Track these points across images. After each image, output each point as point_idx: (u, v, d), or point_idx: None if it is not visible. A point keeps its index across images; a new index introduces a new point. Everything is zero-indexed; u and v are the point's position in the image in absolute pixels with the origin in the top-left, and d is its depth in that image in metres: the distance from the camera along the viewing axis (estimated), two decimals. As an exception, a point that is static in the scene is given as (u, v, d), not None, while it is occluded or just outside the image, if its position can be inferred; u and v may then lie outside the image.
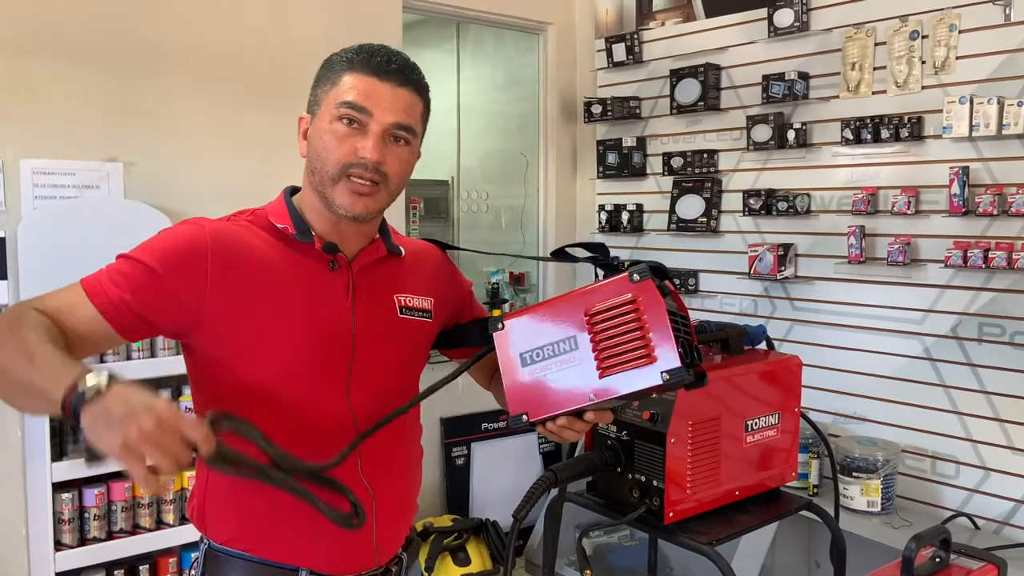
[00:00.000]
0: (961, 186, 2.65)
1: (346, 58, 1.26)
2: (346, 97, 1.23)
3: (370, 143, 1.23)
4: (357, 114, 1.23)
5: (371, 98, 1.23)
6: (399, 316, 1.35)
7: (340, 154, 1.23)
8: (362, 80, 1.24)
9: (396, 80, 1.25)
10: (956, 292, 2.74)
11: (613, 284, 1.14)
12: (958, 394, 2.75)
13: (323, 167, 1.24)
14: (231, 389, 1.23)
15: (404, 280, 1.38)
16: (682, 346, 1.09)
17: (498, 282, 4.17)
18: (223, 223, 1.28)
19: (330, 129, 1.24)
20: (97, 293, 1.17)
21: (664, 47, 3.65)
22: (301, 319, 1.25)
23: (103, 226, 2.61)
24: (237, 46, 2.91)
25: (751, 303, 3.37)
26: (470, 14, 3.77)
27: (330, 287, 1.28)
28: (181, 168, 2.82)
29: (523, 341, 1.17)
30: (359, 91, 1.23)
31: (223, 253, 1.22)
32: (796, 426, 1.66)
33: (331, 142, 1.23)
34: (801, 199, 3.12)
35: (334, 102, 1.24)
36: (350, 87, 1.24)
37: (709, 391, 1.50)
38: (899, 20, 2.84)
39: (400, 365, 1.36)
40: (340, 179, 1.24)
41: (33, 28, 2.56)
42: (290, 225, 1.28)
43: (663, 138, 3.69)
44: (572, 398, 1.13)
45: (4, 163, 2.54)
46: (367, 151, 1.22)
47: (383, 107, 1.23)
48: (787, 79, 3.12)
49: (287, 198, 1.33)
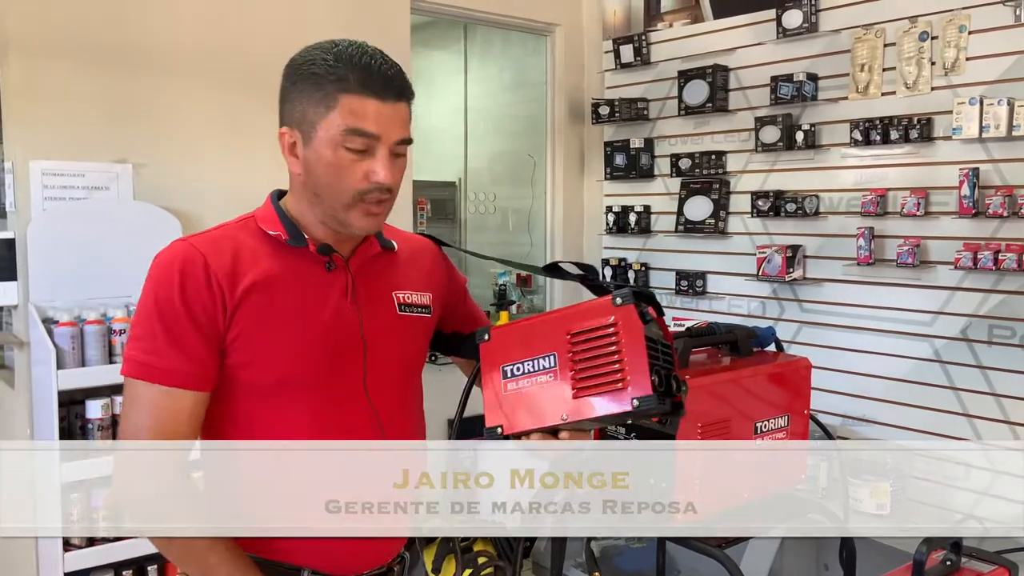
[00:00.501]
0: (971, 188, 2.63)
1: (336, 75, 1.18)
2: (353, 124, 1.18)
3: (382, 168, 1.19)
4: (367, 140, 1.19)
5: (379, 123, 1.19)
6: (399, 314, 1.34)
7: (352, 182, 1.20)
8: (364, 103, 1.18)
9: (393, 95, 1.20)
10: (966, 294, 2.73)
11: (596, 306, 1.14)
12: (968, 396, 2.74)
13: (334, 195, 1.21)
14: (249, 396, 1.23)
15: (401, 276, 1.36)
16: (658, 374, 1.09)
17: (505, 283, 4.17)
18: (210, 234, 1.26)
19: (336, 158, 1.19)
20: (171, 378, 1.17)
21: (672, 48, 3.64)
22: (309, 322, 1.24)
23: (112, 227, 2.62)
24: (247, 49, 2.91)
25: (759, 305, 3.36)
26: (478, 16, 3.77)
27: (330, 289, 1.27)
28: (190, 170, 2.83)
29: (506, 354, 1.18)
30: (366, 116, 1.18)
31: (220, 261, 1.21)
32: (805, 428, 1.65)
33: (340, 171, 1.19)
34: (810, 201, 3.11)
35: (337, 129, 1.18)
36: (353, 112, 1.17)
37: (718, 393, 1.50)
38: (908, 21, 2.83)
39: (405, 362, 1.36)
40: (356, 204, 1.21)
41: (43, 30, 2.57)
42: (282, 231, 1.26)
43: (671, 139, 3.68)
44: (546, 415, 1.14)
45: (14, 164, 2.55)
46: (381, 176, 1.19)
47: (388, 128, 1.20)
48: (796, 80, 3.11)
49: (275, 203, 1.30)
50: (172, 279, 1.19)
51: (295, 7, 3.02)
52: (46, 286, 2.51)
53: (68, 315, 2.44)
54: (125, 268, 2.61)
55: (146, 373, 1.18)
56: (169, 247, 1.23)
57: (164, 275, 1.20)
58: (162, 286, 1.19)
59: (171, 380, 1.17)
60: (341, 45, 1.20)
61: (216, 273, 1.19)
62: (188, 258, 1.20)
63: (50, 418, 2.39)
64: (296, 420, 1.24)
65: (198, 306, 1.18)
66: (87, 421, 2.48)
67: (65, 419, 2.45)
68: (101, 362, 2.47)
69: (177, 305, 1.17)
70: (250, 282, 1.21)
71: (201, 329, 1.18)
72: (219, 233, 1.27)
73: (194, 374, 1.18)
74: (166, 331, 1.17)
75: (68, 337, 2.41)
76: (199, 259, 1.20)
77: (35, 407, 2.50)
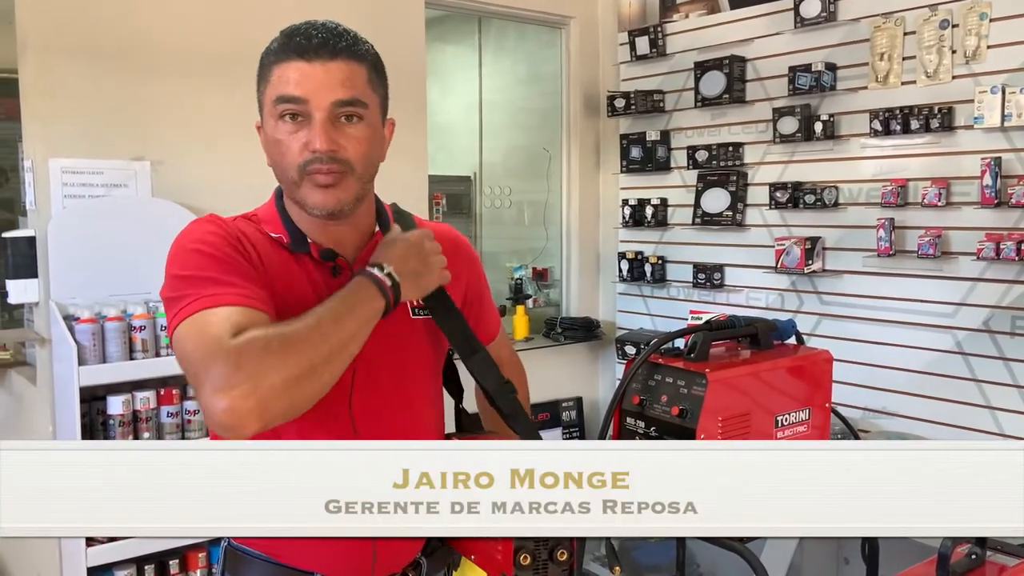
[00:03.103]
0: (993, 177, 2.60)
1: (271, 49, 1.16)
2: (278, 91, 1.13)
3: (316, 133, 1.12)
4: (295, 106, 1.12)
5: (302, 84, 1.12)
6: (412, 318, 1.27)
7: (292, 155, 1.14)
8: (288, 68, 1.13)
9: (325, 55, 1.12)
10: (988, 285, 2.69)
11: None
12: (990, 388, 2.71)
13: (283, 172, 1.17)
14: None
15: None
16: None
17: (521, 278, 4.17)
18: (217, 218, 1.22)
19: (276, 130, 1.15)
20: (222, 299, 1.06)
21: (688, 39, 3.61)
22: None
23: (131, 224, 2.63)
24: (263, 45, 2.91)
25: (778, 297, 3.33)
26: (492, 9, 3.76)
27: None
28: (208, 166, 2.84)
29: None
30: (288, 80, 1.12)
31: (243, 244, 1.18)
32: (827, 422, 1.64)
33: (281, 144, 1.14)
34: (829, 192, 3.08)
35: (270, 101, 1.15)
36: (279, 79, 1.13)
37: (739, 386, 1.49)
38: (928, 9, 2.80)
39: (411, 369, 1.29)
40: (303, 180, 1.15)
41: (60, 29, 2.58)
42: (284, 234, 1.22)
43: (687, 131, 3.66)
44: None
45: (34, 163, 2.57)
46: (316, 144, 1.12)
47: (317, 89, 1.12)
48: (814, 70, 3.08)
49: (278, 202, 1.25)
50: (213, 234, 1.15)
51: (310, 6, 3.02)
52: (67, 283, 2.53)
53: (89, 312, 2.46)
54: (144, 265, 2.62)
55: (213, 301, 1.05)
56: (192, 222, 1.20)
57: (200, 236, 1.15)
58: (204, 243, 1.13)
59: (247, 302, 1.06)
60: (291, 26, 1.18)
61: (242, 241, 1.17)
62: (221, 224, 1.18)
63: (71, 415, 2.41)
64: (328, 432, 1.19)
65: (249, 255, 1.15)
66: (108, 417, 2.49)
67: (87, 415, 2.47)
68: (122, 358, 2.49)
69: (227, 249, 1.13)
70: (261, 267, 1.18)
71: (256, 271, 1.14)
72: (230, 223, 1.22)
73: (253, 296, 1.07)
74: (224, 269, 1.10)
75: (89, 334, 2.43)
76: (232, 227, 1.18)
77: (57, 404, 2.52)
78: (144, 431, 2.52)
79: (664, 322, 3.78)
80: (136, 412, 2.53)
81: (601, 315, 4.08)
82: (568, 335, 3.92)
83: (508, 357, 1.54)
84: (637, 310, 3.93)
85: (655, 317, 3.84)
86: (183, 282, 1.10)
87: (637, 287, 3.88)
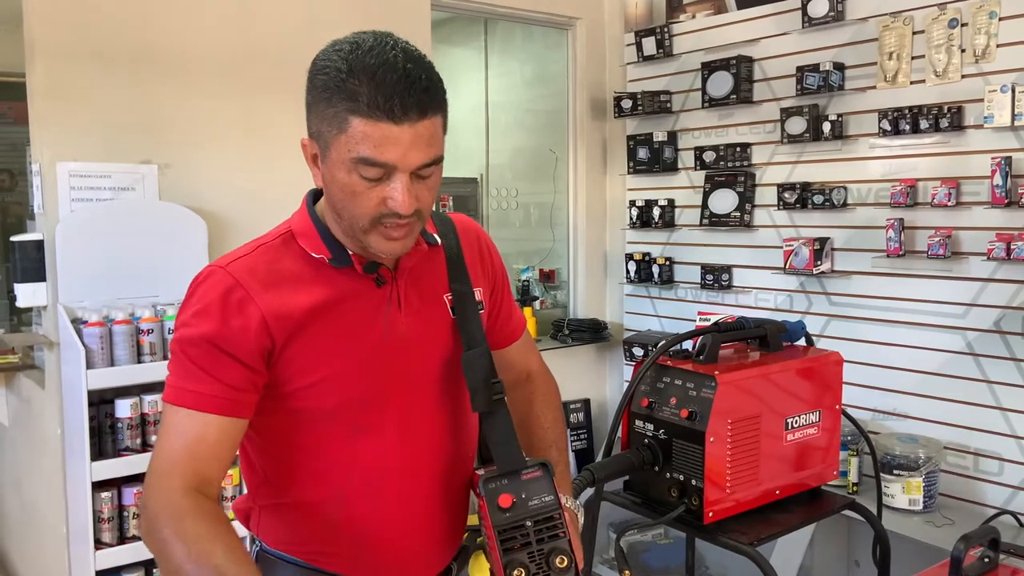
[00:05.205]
0: (1003, 177, 2.58)
1: (346, 91, 1.04)
2: (362, 153, 1.05)
3: (399, 196, 1.07)
4: (378, 170, 1.06)
5: (390, 151, 1.05)
6: (452, 318, 1.28)
7: (367, 208, 1.09)
8: (377, 128, 1.04)
9: (416, 114, 1.05)
10: (999, 285, 2.67)
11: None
12: (1001, 389, 2.69)
13: (352, 218, 1.12)
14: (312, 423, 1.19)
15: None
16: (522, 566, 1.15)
17: (528, 279, 4.16)
18: (251, 259, 1.17)
19: (349, 179, 1.08)
20: (201, 402, 1.09)
21: (695, 40, 3.60)
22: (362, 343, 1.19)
23: (139, 228, 2.64)
24: (270, 49, 2.92)
25: (786, 298, 3.32)
26: (498, 11, 3.75)
27: (381, 305, 1.21)
28: (215, 170, 2.84)
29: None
30: (373, 142, 1.04)
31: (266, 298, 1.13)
32: (837, 424, 1.63)
33: (355, 195, 1.09)
34: (837, 192, 3.07)
35: (346, 153, 1.06)
36: (363, 136, 1.04)
37: (748, 388, 1.48)
38: (937, 8, 2.78)
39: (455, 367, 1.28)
40: (373, 228, 1.11)
41: (68, 33, 2.59)
42: (326, 252, 1.18)
43: (695, 132, 3.64)
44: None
45: (41, 166, 2.57)
46: (398, 205, 1.08)
47: (405, 154, 1.06)
48: (822, 70, 3.06)
49: (311, 212, 1.21)
50: (213, 313, 1.11)
51: (316, 6, 3.02)
52: (75, 287, 2.54)
53: (97, 315, 2.46)
54: (152, 268, 2.63)
55: (175, 397, 1.11)
56: (209, 274, 1.15)
57: (204, 308, 1.12)
58: (203, 320, 1.11)
59: (198, 404, 1.09)
60: (362, 47, 1.06)
61: (264, 312, 1.12)
62: (230, 289, 1.12)
63: (80, 417, 2.42)
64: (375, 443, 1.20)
65: (244, 347, 1.11)
66: (116, 420, 2.50)
67: (95, 418, 2.47)
68: (129, 361, 2.49)
69: (218, 341, 1.10)
70: (300, 315, 1.14)
71: (242, 362, 1.11)
72: (260, 257, 1.17)
73: (224, 399, 1.10)
74: (203, 359, 1.10)
75: (97, 337, 2.44)
76: (242, 294, 1.12)
77: (65, 407, 2.52)
78: (152, 434, 2.53)
79: (672, 324, 3.77)
80: (144, 415, 2.53)
81: (608, 316, 4.08)
82: (575, 337, 3.92)
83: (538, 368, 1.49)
84: (645, 311, 3.92)
85: (663, 319, 3.83)
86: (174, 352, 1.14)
87: (644, 288, 3.87)
